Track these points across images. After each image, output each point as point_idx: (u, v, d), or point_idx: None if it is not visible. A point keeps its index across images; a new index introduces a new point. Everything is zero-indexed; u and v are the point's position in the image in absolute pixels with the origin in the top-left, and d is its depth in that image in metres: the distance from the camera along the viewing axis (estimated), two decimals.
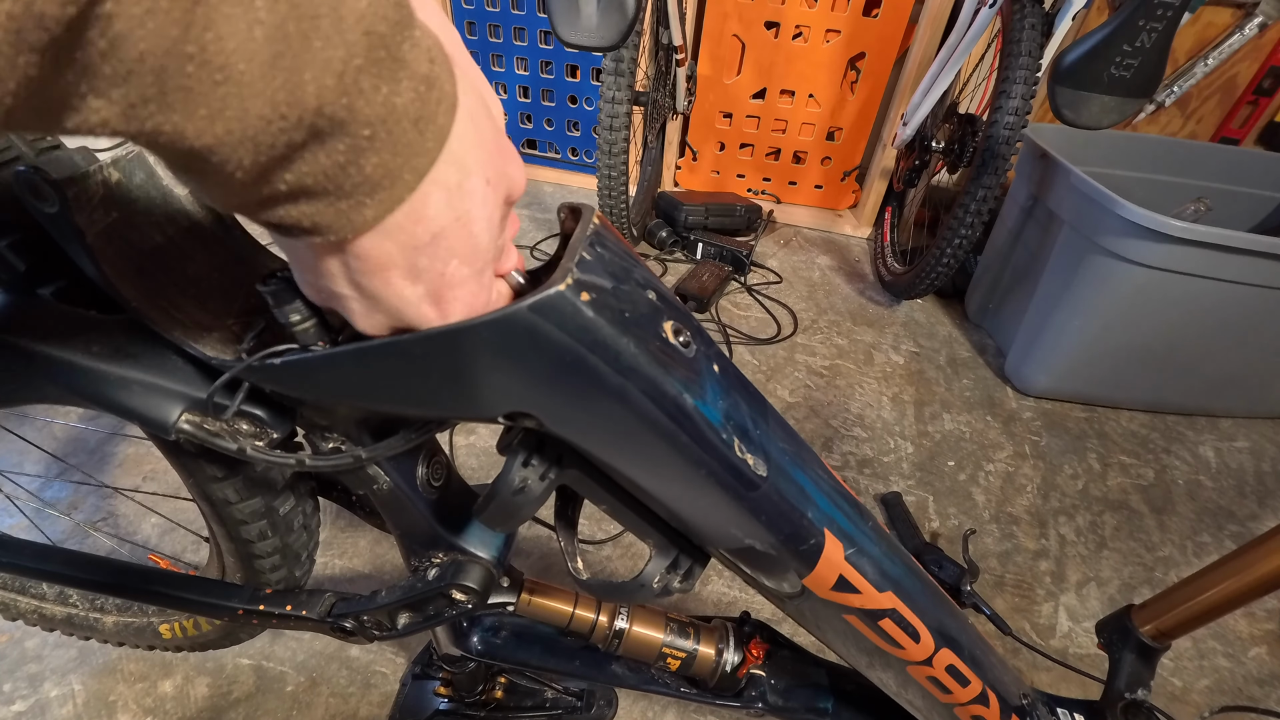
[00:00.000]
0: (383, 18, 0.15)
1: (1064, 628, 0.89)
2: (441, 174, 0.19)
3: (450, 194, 0.19)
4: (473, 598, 0.37)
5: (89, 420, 0.99)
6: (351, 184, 0.17)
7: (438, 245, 0.20)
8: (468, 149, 0.19)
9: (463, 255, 0.21)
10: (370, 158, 0.17)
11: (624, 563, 0.88)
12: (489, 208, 0.21)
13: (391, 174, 0.17)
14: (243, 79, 0.13)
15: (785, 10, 1.62)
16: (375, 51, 0.15)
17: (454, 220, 0.20)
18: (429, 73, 0.17)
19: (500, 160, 0.21)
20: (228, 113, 0.14)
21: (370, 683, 0.73)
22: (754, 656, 0.47)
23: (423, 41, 0.17)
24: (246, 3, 0.13)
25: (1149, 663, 0.49)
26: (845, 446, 1.13)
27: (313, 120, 0.15)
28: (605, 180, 1.33)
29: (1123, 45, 0.86)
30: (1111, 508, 1.08)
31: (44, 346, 0.30)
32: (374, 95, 0.16)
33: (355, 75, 0.15)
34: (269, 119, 0.14)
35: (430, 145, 0.18)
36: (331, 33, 0.14)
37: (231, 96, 0.13)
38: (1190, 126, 1.67)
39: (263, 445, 0.31)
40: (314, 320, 0.24)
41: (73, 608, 0.62)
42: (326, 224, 0.18)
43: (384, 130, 0.16)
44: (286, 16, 0.13)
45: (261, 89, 0.14)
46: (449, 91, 0.18)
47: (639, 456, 0.27)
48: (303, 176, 0.16)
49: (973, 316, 1.54)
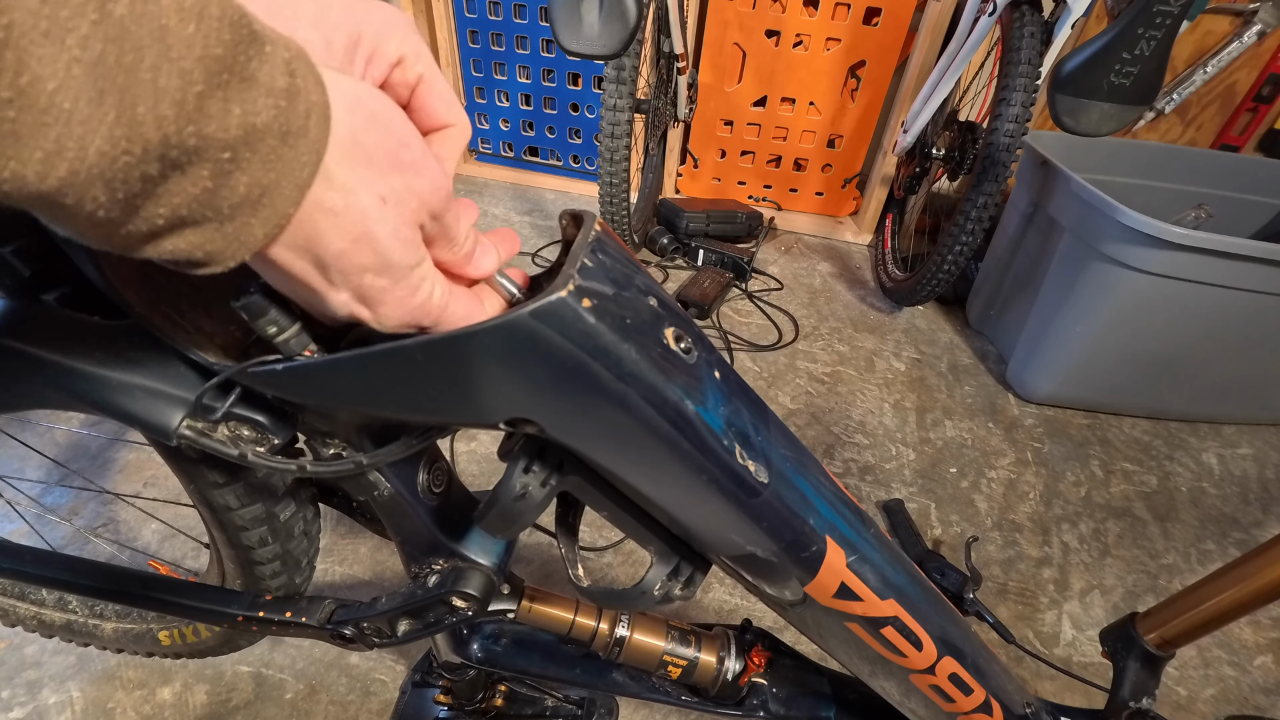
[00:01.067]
0: (218, 40, 0.15)
1: (1068, 636, 0.88)
2: (323, 197, 0.19)
3: (338, 216, 0.19)
4: (473, 605, 0.37)
5: (90, 426, 0.99)
6: (229, 206, 0.17)
7: (343, 262, 0.20)
8: (349, 168, 0.19)
9: (375, 270, 0.21)
10: (239, 178, 0.16)
11: (625, 570, 0.88)
12: (390, 224, 0.20)
13: (269, 190, 0.17)
14: (71, 118, 0.13)
15: (786, 19, 1.63)
16: (217, 75, 0.15)
17: (351, 241, 0.20)
18: (289, 85, 0.17)
19: (400, 175, 0.20)
20: (66, 153, 0.13)
21: (370, 690, 0.72)
22: (756, 665, 0.46)
23: (277, 55, 0.16)
24: (58, 41, 0.12)
25: (1154, 671, 0.48)
26: (847, 453, 1.13)
27: (161, 151, 0.15)
28: (607, 187, 1.34)
29: (1122, 53, 0.87)
30: (1115, 515, 1.08)
31: (47, 352, 0.30)
32: (225, 118, 0.16)
33: (198, 101, 0.15)
34: (112, 155, 0.14)
35: (305, 157, 0.18)
36: (159, 62, 0.14)
37: (65, 136, 0.13)
38: (1190, 133, 1.68)
39: (264, 451, 0.31)
40: (294, 329, 0.24)
41: (72, 614, 0.62)
42: (218, 250, 0.18)
43: (246, 150, 0.16)
44: (104, 52, 0.13)
45: (94, 126, 0.14)
46: (317, 101, 0.18)
47: (640, 463, 0.27)
48: (175, 207, 0.16)
49: (974, 323, 1.53)
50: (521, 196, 1.92)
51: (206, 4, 0.15)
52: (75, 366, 0.30)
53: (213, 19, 0.15)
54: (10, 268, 0.30)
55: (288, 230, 0.19)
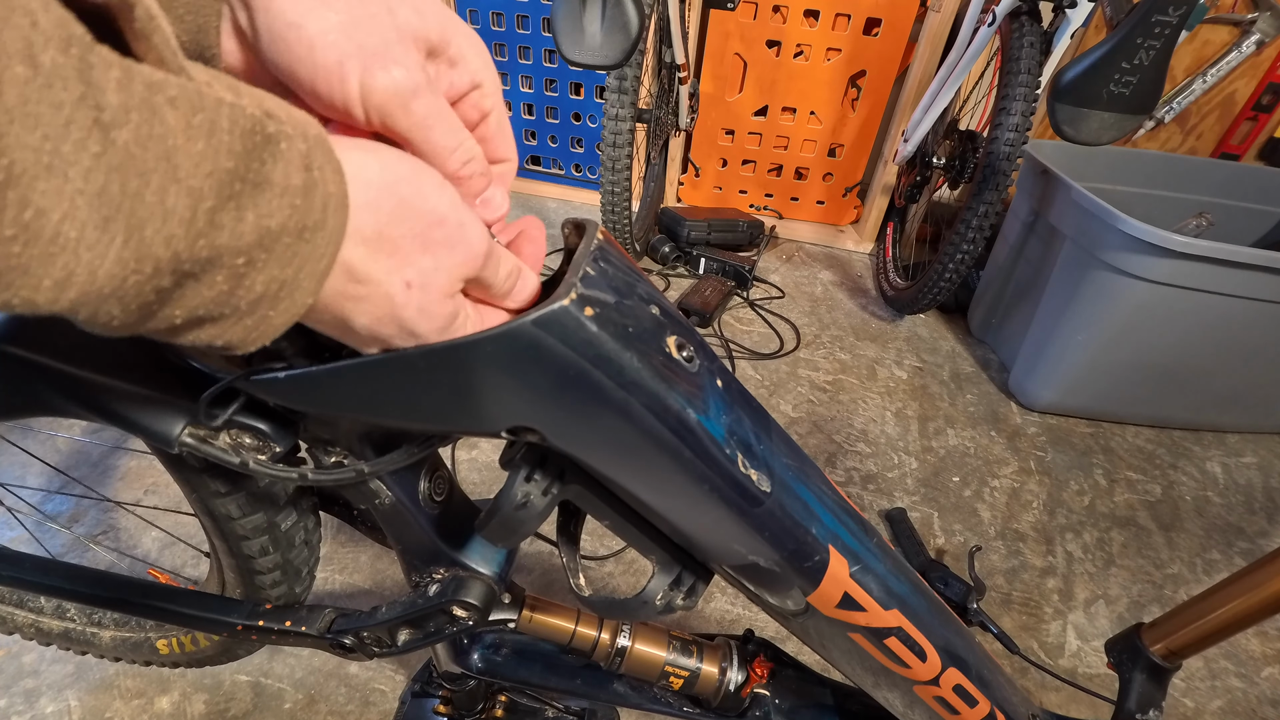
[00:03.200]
0: (229, 152, 0.15)
1: (1073, 646, 0.87)
2: (345, 289, 0.19)
3: (361, 304, 0.19)
4: (474, 614, 0.37)
5: (92, 433, 0.99)
6: (247, 303, 0.17)
7: (370, 332, 0.20)
8: (372, 261, 0.19)
9: (400, 337, 0.21)
10: (256, 277, 0.16)
11: (626, 579, 0.88)
12: (415, 305, 0.20)
13: (287, 284, 0.17)
14: (77, 246, 0.13)
15: (786, 29, 1.64)
16: (228, 187, 0.15)
17: (376, 320, 0.20)
18: (304, 181, 0.16)
19: (430, 256, 0.20)
20: (75, 279, 0.14)
21: (369, 700, 0.72)
22: (758, 675, 0.46)
23: (293, 150, 0.16)
24: (61, 175, 0.13)
25: (1160, 683, 0.48)
26: (849, 462, 1.13)
27: (172, 266, 0.15)
28: (609, 196, 1.34)
29: (1121, 63, 0.87)
30: (1119, 524, 1.07)
31: (50, 360, 0.30)
32: (239, 225, 0.15)
33: (210, 215, 0.15)
34: (121, 276, 0.14)
35: (323, 249, 0.17)
36: (166, 184, 0.14)
37: (72, 264, 0.13)
38: (1190, 142, 1.68)
39: (265, 459, 0.31)
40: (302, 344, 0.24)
41: (70, 622, 0.62)
42: (240, 340, 0.18)
43: (263, 252, 0.16)
44: (107, 182, 0.13)
45: (102, 252, 0.14)
46: (334, 192, 0.17)
47: (642, 472, 0.27)
48: (192, 309, 0.16)
49: (976, 331, 1.53)
50: (524, 205, 1.93)
51: (216, 118, 0.15)
52: (78, 374, 0.30)
53: (223, 132, 0.15)
54: None
55: (311, 313, 0.19)
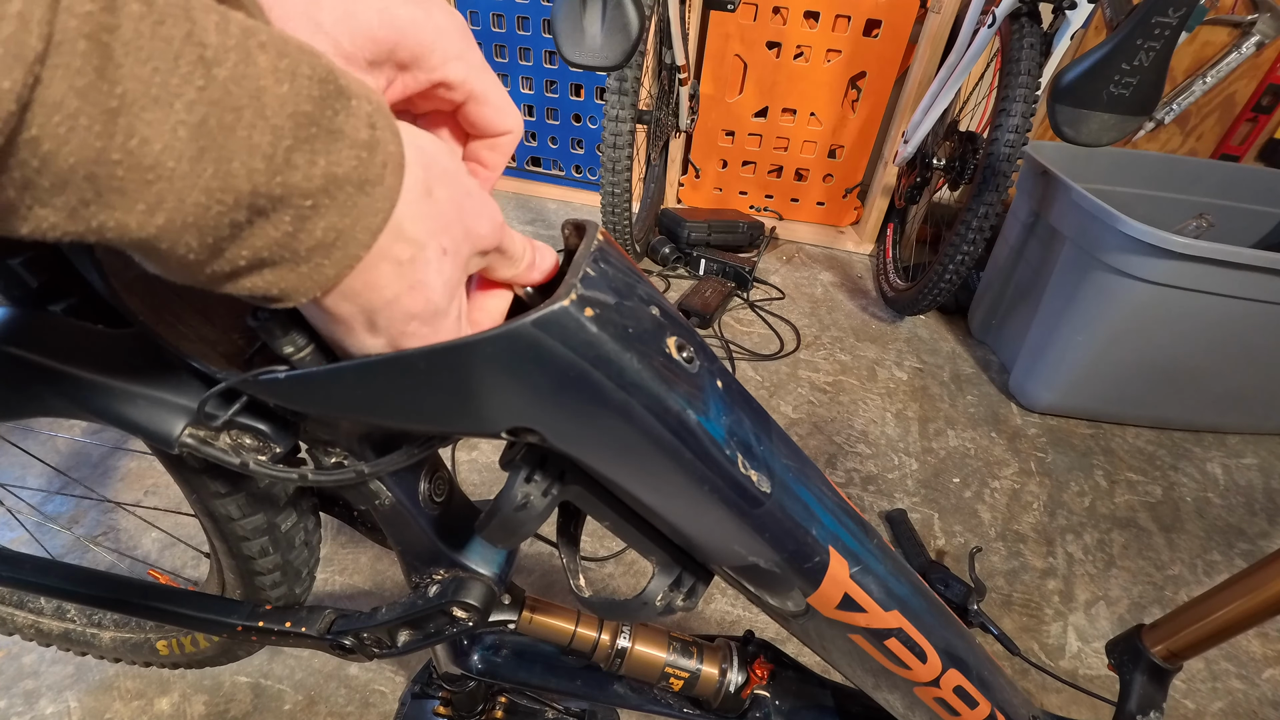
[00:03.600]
0: (308, 97, 0.16)
1: (1073, 648, 0.87)
2: (391, 249, 0.19)
3: (402, 267, 0.20)
4: (474, 615, 0.37)
5: (92, 434, 1.00)
6: (306, 249, 0.18)
7: (393, 309, 0.21)
8: (419, 222, 0.20)
9: (421, 317, 0.22)
10: (318, 222, 0.17)
11: (626, 580, 0.88)
12: (445, 274, 0.21)
13: (344, 234, 0.18)
14: (173, 175, 0.14)
15: (787, 31, 1.64)
16: (305, 129, 0.16)
17: (408, 288, 0.21)
18: (370, 138, 0.18)
19: (461, 225, 0.21)
20: (165, 205, 0.15)
21: (369, 702, 0.72)
22: (758, 677, 0.46)
23: (360, 109, 0.17)
24: (167, 107, 0.13)
25: (1161, 684, 0.48)
26: (849, 463, 1.13)
27: (250, 200, 0.16)
28: (609, 197, 1.34)
29: (1121, 64, 0.87)
30: (1119, 525, 1.07)
31: (51, 360, 0.30)
32: (310, 169, 0.16)
33: (286, 154, 0.16)
34: (206, 205, 0.15)
35: (380, 204, 0.18)
36: (255, 120, 0.15)
37: (166, 191, 0.14)
38: (1190, 143, 1.68)
39: (265, 460, 0.31)
40: (309, 349, 0.24)
41: (70, 623, 0.62)
42: (292, 288, 0.19)
43: (326, 198, 0.17)
44: (208, 114, 0.14)
45: (193, 181, 0.15)
46: (394, 152, 0.19)
47: (642, 472, 0.27)
48: (256, 250, 0.17)
49: (976, 332, 1.53)
50: (524, 206, 1.93)
51: (299, 64, 0.16)
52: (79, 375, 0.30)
53: (304, 78, 0.16)
54: (19, 278, 0.31)
55: (352, 278, 0.19)
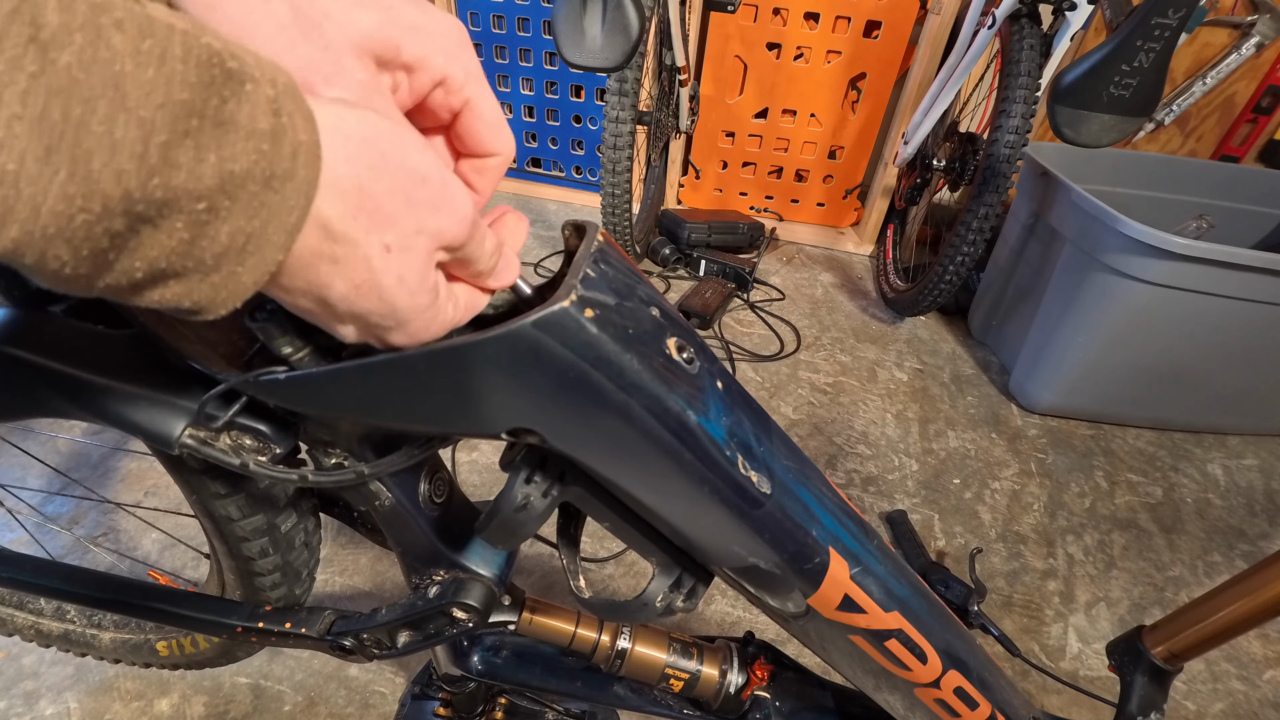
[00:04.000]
0: (183, 83, 0.14)
1: (1074, 649, 0.87)
2: (321, 248, 0.18)
3: (338, 266, 0.18)
4: (474, 616, 0.37)
5: (92, 435, 1.00)
6: (212, 256, 0.16)
7: (348, 305, 0.19)
8: (350, 218, 0.18)
9: (380, 314, 0.20)
10: (219, 228, 0.15)
11: (626, 581, 0.87)
12: (395, 271, 0.19)
13: (254, 237, 0.16)
14: (16, 179, 0.12)
15: (787, 32, 1.64)
16: (183, 121, 0.14)
17: (353, 288, 0.19)
18: (272, 126, 0.15)
19: (412, 217, 0.19)
20: (16, 215, 0.13)
21: (369, 703, 0.72)
22: (758, 678, 0.46)
23: (259, 94, 0.15)
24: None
25: (1161, 686, 0.48)
26: (849, 464, 1.12)
27: (124, 207, 0.14)
28: (609, 198, 1.34)
29: (1121, 65, 0.87)
30: (1120, 526, 1.07)
31: (51, 361, 0.30)
32: (198, 166, 0.14)
33: (163, 151, 0.14)
34: (68, 214, 0.13)
35: (293, 201, 0.16)
36: (114, 113, 0.13)
37: (11, 198, 0.12)
38: (1190, 144, 1.68)
39: (265, 461, 0.31)
40: (308, 349, 0.24)
41: (70, 624, 0.62)
42: (207, 300, 0.17)
43: (226, 199, 0.15)
44: (47, 106, 0.12)
45: (44, 186, 0.13)
46: (305, 141, 0.16)
47: (642, 473, 0.27)
48: (151, 260, 0.15)
49: (976, 333, 1.53)
50: (524, 207, 1.93)
51: (168, 45, 0.14)
52: (79, 375, 0.30)
53: (175, 60, 0.14)
54: (18, 279, 0.31)
55: (284, 275, 0.18)
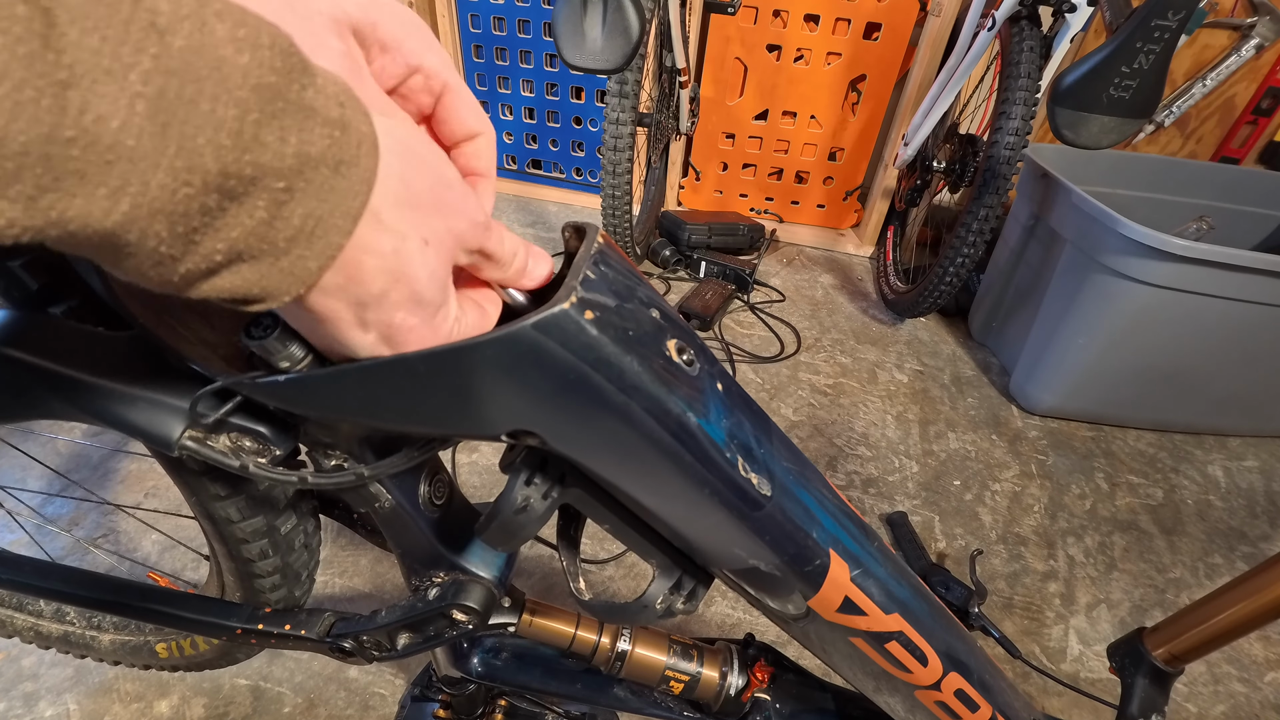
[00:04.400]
0: (271, 68, 0.15)
1: (1074, 651, 0.87)
2: (372, 239, 0.19)
3: (385, 258, 0.19)
4: (474, 618, 0.37)
5: (92, 436, 1.00)
6: (284, 238, 0.17)
7: (381, 302, 0.20)
8: (399, 210, 0.19)
9: (408, 309, 0.21)
10: (295, 208, 0.17)
11: (627, 583, 0.87)
12: (429, 266, 0.20)
13: (323, 221, 0.17)
14: (134, 154, 0.13)
15: (787, 34, 1.65)
16: (272, 103, 0.15)
17: (393, 281, 0.20)
18: (340, 116, 0.17)
19: (441, 217, 0.20)
20: (129, 188, 0.14)
21: (369, 705, 0.72)
22: (758, 680, 0.46)
23: (328, 86, 0.17)
24: (121, 79, 0.13)
25: (1163, 688, 0.48)
26: (850, 465, 1.12)
27: (219, 182, 0.15)
28: (609, 200, 1.34)
29: (1121, 67, 0.87)
30: (1120, 528, 1.07)
31: (52, 363, 0.30)
32: (282, 147, 0.16)
33: (254, 130, 0.15)
34: (173, 188, 0.14)
35: (358, 187, 0.18)
36: (218, 93, 0.14)
37: (128, 172, 0.13)
38: (1190, 146, 1.68)
39: (265, 462, 0.31)
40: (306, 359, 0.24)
41: (70, 625, 0.62)
42: (274, 286, 0.18)
43: (301, 180, 0.16)
44: (165, 86, 0.13)
45: (156, 160, 0.14)
46: (367, 133, 0.18)
47: (642, 475, 0.27)
48: (232, 241, 0.16)
49: (976, 335, 1.53)
50: (525, 209, 1.93)
51: (258, 33, 0.15)
52: (79, 377, 0.30)
53: (265, 48, 0.15)
54: (19, 281, 0.31)
55: (333, 267, 0.19)
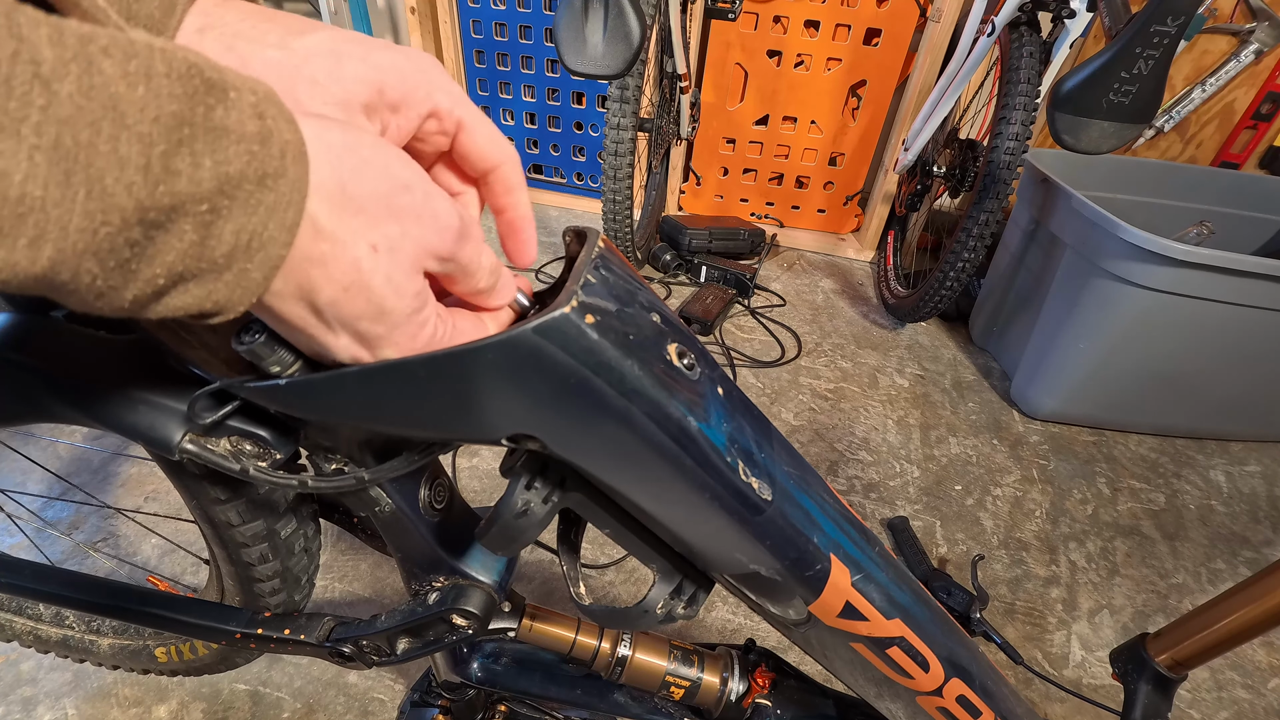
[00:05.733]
0: (170, 96, 0.15)
1: (1077, 657, 0.87)
2: (311, 248, 0.18)
3: (326, 266, 0.19)
4: (473, 623, 0.37)
5: (93, 440, 1.00)
6: (221, 255, 0.17)
7: (337, 309, 0.20)
8: (337, 217, 0.19)
9: (371, 318, 0.20)
10: (224, 226, 0.17)
11: (627, 588, 0.87)
12: (383, 272, 0.20)
13: (258, 235, 0.17)
14: (44, 203, 0.13)
15: (787, 39, 1.65)
16: (177, 131, 0.15)
17: (342, 290, 0.19)
18: (260, 129, 0.17)
19: (397, 223, 0.20)
20: (48, 236, 0.14)
21: (368, 710, 0.71)
22: (759, 686, 0.46)
23: (243, 100, 0.17)
24: (14, 135, 0.13)
25: (1166, 694, 0.47)
26: (850, 470, 1.12)
27: (138, 216, 0.15)
28: (610, 204, 1.35)
29: (1120, 72, 0.88)
30: (1122, 533, 1.07)
31: (53, 366, 0.30)
32: (196, 172, 0.16)
33: (164, 161, 0.15)
34: (92, 229, 0.14)
35: (289, 197, 0.17)
36: (117, 132, 0.14)
37: (43, 221, 0.13)
38: (1190, 151, 1.69)
39: (266, 466, 0.31)
40: (297, 364, 0.24)
41: (69, 629, 0.62)
42: (225, 299, 0.18)
43: (225, 199, 0.16)
44: (60, 134, 0.13)
45: (69, 207, 0.14)
46: (291, 140, 0.17)
47: (642, 480, 0.27)
48: (169, 265, 0.16)
49: (977, 340, 1.53)
50: None
51: (151, 63, 0.15)
52: (80, 380, 0.30)
53: (160, 77, 0.15)
54: None
55: (279, 277, 0.19)
